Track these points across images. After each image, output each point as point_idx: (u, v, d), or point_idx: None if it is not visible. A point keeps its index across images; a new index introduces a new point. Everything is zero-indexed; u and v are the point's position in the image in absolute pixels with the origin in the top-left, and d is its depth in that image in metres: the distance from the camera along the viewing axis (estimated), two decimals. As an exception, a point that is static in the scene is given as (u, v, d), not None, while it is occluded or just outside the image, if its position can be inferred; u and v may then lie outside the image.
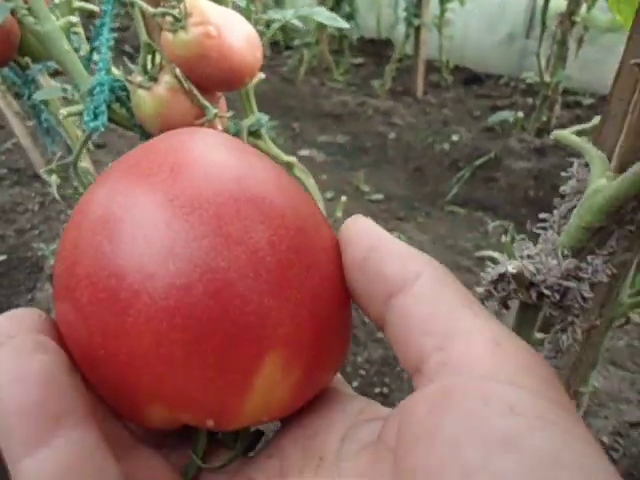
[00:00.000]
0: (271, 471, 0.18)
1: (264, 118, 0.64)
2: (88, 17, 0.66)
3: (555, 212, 0.29)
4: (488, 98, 2.17)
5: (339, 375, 0.22)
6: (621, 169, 0.25)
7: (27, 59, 0.62)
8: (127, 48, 2.23)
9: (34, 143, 1.59)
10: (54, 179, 0.51)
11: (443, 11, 2.13)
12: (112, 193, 0.18)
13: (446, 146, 1.80)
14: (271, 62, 2.67)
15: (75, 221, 0.18)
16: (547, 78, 1.59)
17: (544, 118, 1.71)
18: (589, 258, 0.27)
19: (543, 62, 1.63)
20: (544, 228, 0.29)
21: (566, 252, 0.27)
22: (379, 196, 1.55)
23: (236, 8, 0.58)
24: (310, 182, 0.56)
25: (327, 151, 1.85)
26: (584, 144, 0.28)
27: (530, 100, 2.05)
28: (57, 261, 0.18)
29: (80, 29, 0.73)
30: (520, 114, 1.73)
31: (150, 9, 0.44)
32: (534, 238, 0.29)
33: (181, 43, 0.44)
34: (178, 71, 0.45)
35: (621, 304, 0.46)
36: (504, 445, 0.12)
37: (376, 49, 2.90)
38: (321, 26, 2.47)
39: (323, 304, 0.18)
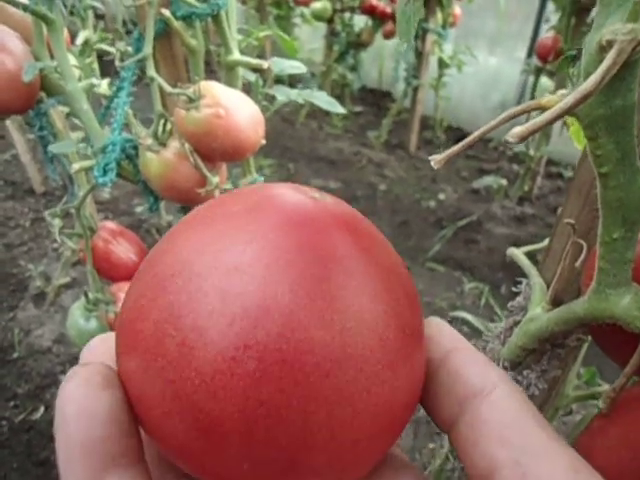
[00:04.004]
0: None
1: (260, 179, 0.69)
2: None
3: (502, 324, 0.33)
4: (477, 160, 2.27)
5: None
6: (555, 302, 0.29)
7: (42, 93, 0.66)
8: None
9: (33, 158, 1.61)
10: (57, 223, 0.55)
11: (441, 75, 2.25)
12: (185, 244, 0.16)
13: (432, 203, 1.87)
14: (274, 101, 2.76)
15: (147, 273, 0.17)
16: (532, 151, 1.69)
17: (526, 187, 1.80)
18: (525, 372, 0.31)
19: (529, 135, 1.72)
20: (489, 337, 0.33)
21: (506, 364, 0.31)
22: (364, 245, 1.60)
23: (245, 82, 0.64)
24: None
25: (319, 195, 1.90)
26: (530, 269, 0.33)
27: (515, 167, 2.15)
28: (124, 310, 0.17)
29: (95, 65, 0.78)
30: (504, 181, 1.81)
31: (168, 88, 0.49)
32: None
33: (192, 120, 0.49)
34: (187, 144, 0.49)
35: (566, 396, 0.50)
36: None
37: (376, 99, 3.02)
38: (326, 72, 2.58)
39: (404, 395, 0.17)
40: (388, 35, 2.31)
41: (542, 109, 0.19)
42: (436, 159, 0.20)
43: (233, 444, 0.14)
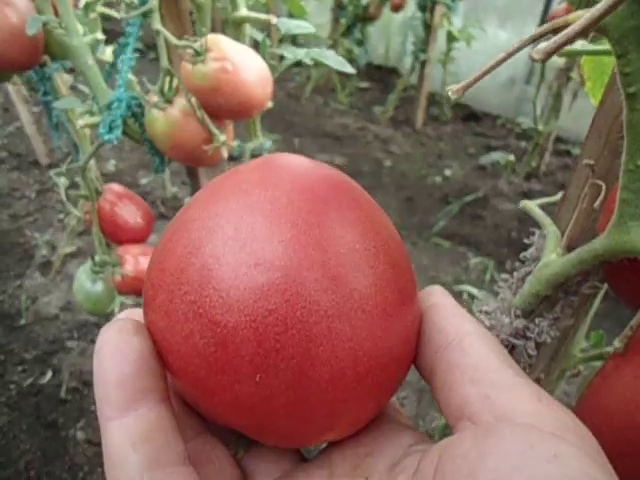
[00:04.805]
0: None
1: (267, 143, 0.68)
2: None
3: (514, 274, 0.33)
4: (484, 137, 2.24)
5: (396, 402, 0.23)
6: (569, 248, 0.29)
7: (46, 57, 0.65)
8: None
9: (38, 130, 1.60)
10: (63, 182, 0.54)
11: (449, 49, 2.21)
12: (208, 211, 0.18)
13: (438, 179, 1.85)
14: (279, 76, 2.72)
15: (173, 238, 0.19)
16: (540, 126, 1.66)
17: (534, 163, 1.78)
18: (537, 320, 0.30)
19: (538, 110, 1.70)
20: (502, 287, 0.33)
21: (518, 312, 0.30)
22: (369, 220, 1.59)
23: (253, 41, 0.62)
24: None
25: (323, 170, 1.89)
26: (544, 219, 0.32)
27: (523, 144, 2.13)
28: (152, 262, 0.19)
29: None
30: (512, 157, 1.79)
31: (174, 40, 0.48)
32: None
33: (199, 74, 0.48)
34: (193, 99, 0.48)
35: (573, 356, 0.50)
36: None
37: (382, 75, 2.97)
38: (333, 47, 2.53)
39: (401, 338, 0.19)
40: (396, 8, 2.26)
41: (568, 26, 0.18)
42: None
43: (246, 354, 0.16)
